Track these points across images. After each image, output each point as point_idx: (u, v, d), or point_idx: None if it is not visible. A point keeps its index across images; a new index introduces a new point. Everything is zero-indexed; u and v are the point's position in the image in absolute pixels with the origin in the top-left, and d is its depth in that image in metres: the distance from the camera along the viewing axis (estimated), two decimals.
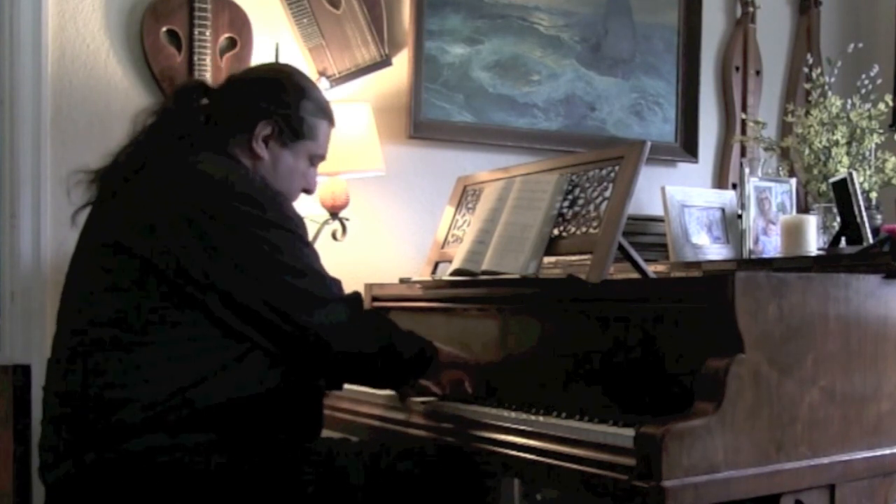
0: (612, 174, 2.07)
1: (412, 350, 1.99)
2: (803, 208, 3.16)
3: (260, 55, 2.91)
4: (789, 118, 3.22)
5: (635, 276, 2.07)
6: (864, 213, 2.40)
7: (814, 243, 2.38)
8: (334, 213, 2.90)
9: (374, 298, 2.67)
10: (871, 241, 2.33)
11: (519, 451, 1.84)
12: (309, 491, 1.80)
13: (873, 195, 2.95)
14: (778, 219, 2.54)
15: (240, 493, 1.74)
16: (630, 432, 1.63)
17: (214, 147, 1.92)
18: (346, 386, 2.13)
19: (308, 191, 2.08)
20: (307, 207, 2.68)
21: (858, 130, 2.95)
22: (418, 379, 2.09)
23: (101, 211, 1.90)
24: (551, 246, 2.12)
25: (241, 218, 1.76)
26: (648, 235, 2.62)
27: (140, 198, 1.82)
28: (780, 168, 3.22)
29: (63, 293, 1.90)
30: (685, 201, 2.53)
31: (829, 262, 2.16)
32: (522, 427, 1.88)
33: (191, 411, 1.71)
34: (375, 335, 1.91)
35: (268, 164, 1.96)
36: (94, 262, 1.83)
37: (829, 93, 3.05)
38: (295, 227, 1.84)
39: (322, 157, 2.08)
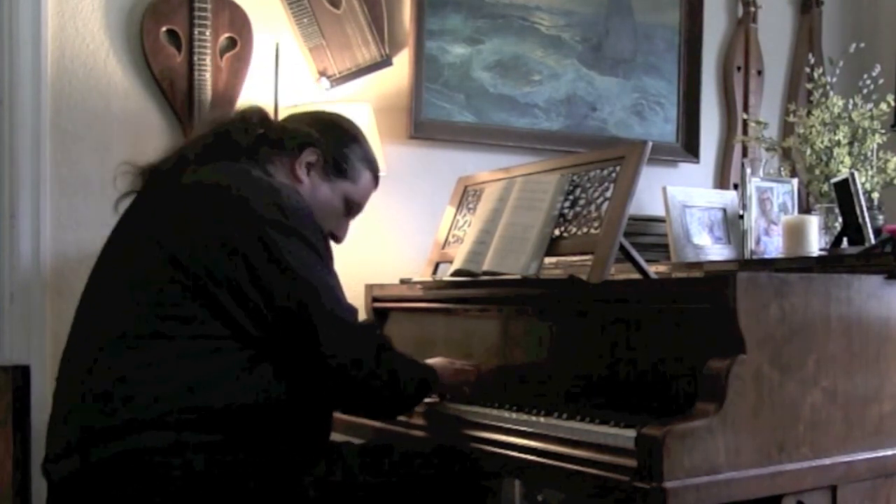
0: (614, 174, 2.07)
1: (414, 382, 1.94)
2: (805, 209, 3.15)
3: (260, 55, 2.90)
4: (791, 118, 3.21)
5: (636, 276, 2.07)
6: (865, 214, 2.39)
7: (815, 244, 2.38)
8: None
9: (375, 299, 2.67)
10: (872, 241, 2.32)
11: (520, 452, 1.83)
12: (311, 494, 1.80)
13: (875, 195, 2.94)
14: (779, 219, 2.53)
15: (244, 493, 1.73)
16: (631, 433, 1.63)
17: (255, 160, 1.95)
18: None
19: (336, 237, 2.10)
20: None
21: (860, 130, 2.94)
22: (416, 407, 2.07)
23: (139, 207, 1.92)
24: (552, 246, 2.11)
25: (263, 222, 1.77)
26: (649, 236, 2.61)
27: (175, 199, 1.84)
28: (782, 168, 3.21)
29: (88, 283, 1.91)
30: (686, 201, 2.52)
31: (831, 262, 2.15)
32: (523, 428, 1.88)
33: (199, 413, 1.70)
34: (380, 369, 1.85)
35: (306, 190, 1.99)
36: (123, 257, 1.85)
37: (831, 93, 3.05)
38: (316, 242, 1.84)
39: (359, 207, 2.12)
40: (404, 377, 1.90)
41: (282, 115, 2.23)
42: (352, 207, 2.10)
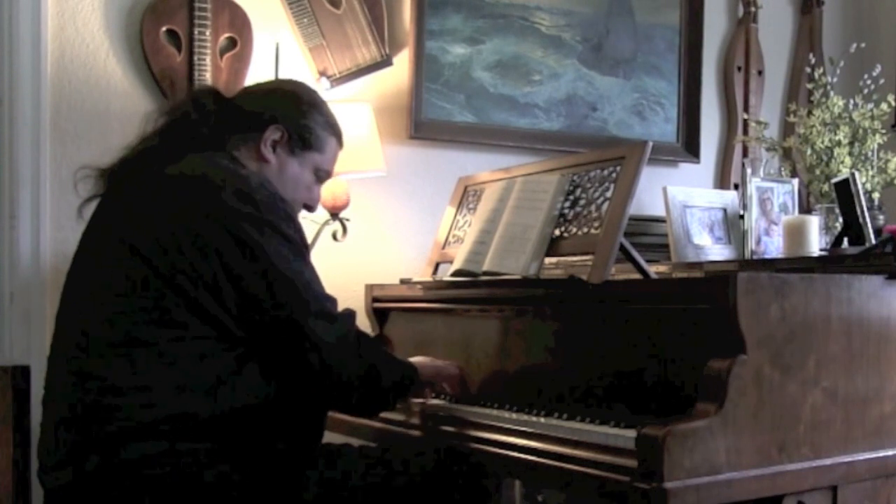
0: (614, 174, 2.07)
1: (393, 378, 1.93)
2: (805, 209, 3.15)
3: (260, 55, 2.90)
4: (791, 118, 3.21)
5: (637, 276, 2.07)
6: (866, 214, 2.39)
7: (816, 244, 2.37)
8: (335, 213, 2.89)
9: (375, 299, 2.67)
10: (873, 241, 2.32)
11: (520, 452, 1.83)
12: (309, 497, 1.79)
13: (875, 195, 2.94)
14: (780, 219, 2.53)
15: (239, 501, 1.73)
16: (632, 433, 1.63)
17: (220, 148, 1.92)
18: None
19: (310, 207, 2.08)
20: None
21: (861, 131, 2.94)
22: (396, 404, 2.06)
23: (106, 209, 1.90)
24: (552, 246, 2.11)
25: (235, 216, 1.75)
26: (650, 236, 2.61)
27: (143, 197, 1.82)
28: (783, 168, 3.21)
29: (64, 291, 1.89)
30: (687, 202, 2.52)
31: (832, 262, 2.15)
32: (523, 428, 1.87)
33: (189, 419, 1.70)
34: (360, 362, 1.84)
35: (274, 168, 1.97)
36: (96, 261, 1.83)
37: (832, 93, 3.05)
38: (291, 233, 1.81)
39: (328, 174, 2.09)
40: (384, 373, 1.90)
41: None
42: (321, 175, 2.07)
